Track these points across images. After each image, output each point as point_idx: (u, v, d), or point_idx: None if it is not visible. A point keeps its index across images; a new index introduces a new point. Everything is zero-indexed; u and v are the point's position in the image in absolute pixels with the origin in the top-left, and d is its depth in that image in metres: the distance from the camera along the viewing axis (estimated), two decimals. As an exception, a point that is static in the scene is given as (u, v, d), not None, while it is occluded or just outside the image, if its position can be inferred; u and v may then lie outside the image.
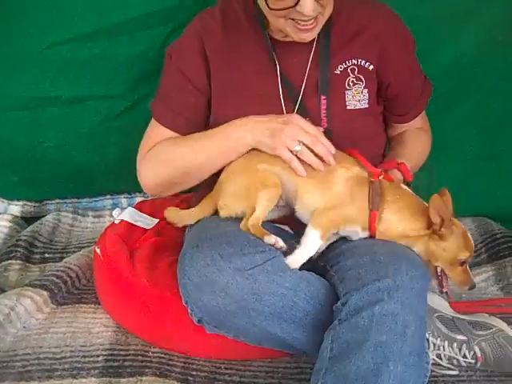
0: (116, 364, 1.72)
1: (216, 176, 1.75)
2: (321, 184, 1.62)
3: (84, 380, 1.66)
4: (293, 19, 1.60)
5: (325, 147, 1.61)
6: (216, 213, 1.74)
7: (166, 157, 1.79)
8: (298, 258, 1.57)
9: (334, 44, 1.75)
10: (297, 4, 1.53)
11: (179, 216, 1.85)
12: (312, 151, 1.61)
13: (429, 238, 1.59)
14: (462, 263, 1.59)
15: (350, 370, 1.36)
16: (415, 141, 1.96)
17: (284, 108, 1.76)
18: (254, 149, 1.68)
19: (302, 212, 1.67)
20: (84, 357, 1.75)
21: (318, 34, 1.73)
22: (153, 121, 1.86)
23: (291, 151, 1.60)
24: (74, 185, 2.57)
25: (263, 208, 1.63)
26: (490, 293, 2.24)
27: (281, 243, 1.58)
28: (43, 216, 2.55)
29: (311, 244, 1.58)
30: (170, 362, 1.75)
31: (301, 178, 1.63)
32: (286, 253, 1.58)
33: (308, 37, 1.68)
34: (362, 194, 1.60)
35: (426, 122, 2.03)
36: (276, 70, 1.76)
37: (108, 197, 2.64)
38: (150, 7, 2.21)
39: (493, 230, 2.52)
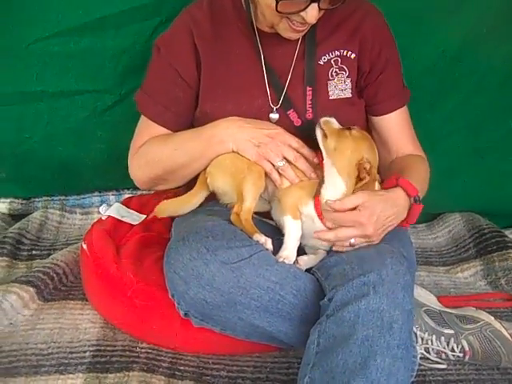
0: (103, 360, 1.71)
1: None
2: None
3: (71, 376, 1.65)
4: (288, 18, 1.61)
5: (305, 162, 1.65)
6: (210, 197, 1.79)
7: (153, 156, 1.80)
8: (288, 247, 1.59)
9: (318, 36, 1.77)
10: (303, 10, 1.55)
11: (173, 205, 1.83)
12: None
13: None
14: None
15: (337, 363, 1.36)
16: (418, 168, 1.84)
17: (270, 98, 1.77)
18: None
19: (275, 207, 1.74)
20: (71, 353, 1.74)
21: None
22: (143, 116, 1.86)
23: (273, 164, 1.65)
24: (61, 181, 2.55)
25: (252, 199, 1.65)
26: (479, 287, 2.26)
27: (269, 245, 1.59)
28: (30, 213, 2.53)
29: (291, 228, 1.62)
30: (158, 358, 1.74)
31: None
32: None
33: (296, 37, 1.71)
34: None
35: (419, 146, 1.95)
36: (261, 61, 1.76)
37: (96, 194, 2.62)
38: (135, 1, 2.19)
39: (480, 226, 2.53)
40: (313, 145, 1.74)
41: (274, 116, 1.77)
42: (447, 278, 2.32)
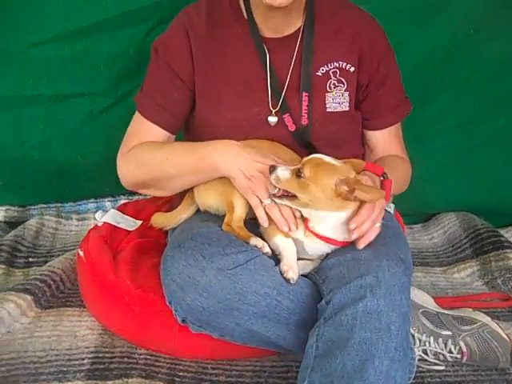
0: (102, 366, 1.72)
1: None
2: None
3: (70, 383, 1.65)
4: None
5: (291, 209, 1.59)
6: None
7: (143, 160, 1.77)
8: (289, 264, 1.56)
9: (316, 42, 1.76)
10: None
11: (166, 219, 1.86)
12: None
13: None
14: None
15: (336, 367, 1.37)
16: (397, 165, 1.88)
17: (270, 102, 1.76)
18: None
19: None
20: (69, 360, 1.74)
21: (302, 31, 1.75)
22: (137, 115, 1.83)
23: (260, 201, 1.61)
24: (57, 187, 2.56)
25: (242, 208, 1.66)
26: (475, 288, 2.27)
27: (267, 248, 1.59)
28: (26, 221, 2.53)
29: (286, 246, 1.59)
30: (157, 364, 1.75)
31: None
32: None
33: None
34: None
35: (405, 152, 1.98)
36: (261, 65, 1.76)
37: (92, 200, 2.63)
38: (129, 5, 2.21)
39: (476, 225, 2.55)
40: (306, 152, 1.74)
41: (273, 119, 1.76)
42: (444, 278, 2.34)
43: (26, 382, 1.66)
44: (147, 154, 1.78)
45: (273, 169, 1.53)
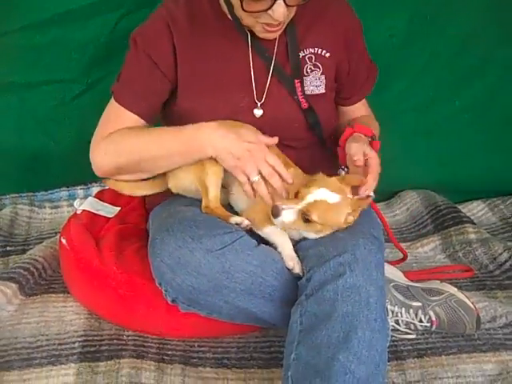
0: (93, 349, 1.76)
1: None
2: None
3: (64, 366, 1.69)
4: (261, 22, 1.67)
5: (279, 180, 1.65)
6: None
7: (124, 145, 1.77)
8: (287, 252, 1.65)
9: (298, 32, 1.83)
10: (269, 8, 1.60)
11: (126, 184, 1.90)
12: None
13: None
14: None
15: (321, 339, 1.46)
16: (371, 121, 2.05)
17: (255, 94, 1.82)
18: None
19: (236, 198, 1.81)
20: (60, 344, 1.78)
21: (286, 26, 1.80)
22: (113, 104, 1.83)
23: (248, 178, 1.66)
24: (30, 175, 2.58)
25: (214, 186, 1.73)
26: (438, 261, 2.39)
27: (246, 222, 1.67)
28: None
29: (279, 235, 1.67)
30: (145, 344, 1.80)
31: None
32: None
33: (273, 36, 1.76)
34: None
35: (371, 112, 2.13)
36: (247, 58, 1.81)
37: (64, 188, 2.63)
38: (100, -5, 2.25)
39: (436, 202, 2.68)
40: None
41: (258, 112, 1.83)
42: (409, 253, 2.39)
43: (21, 367, 1.69)
44: (129, 139, 1.77)
45: (276, 211, 1.57)
